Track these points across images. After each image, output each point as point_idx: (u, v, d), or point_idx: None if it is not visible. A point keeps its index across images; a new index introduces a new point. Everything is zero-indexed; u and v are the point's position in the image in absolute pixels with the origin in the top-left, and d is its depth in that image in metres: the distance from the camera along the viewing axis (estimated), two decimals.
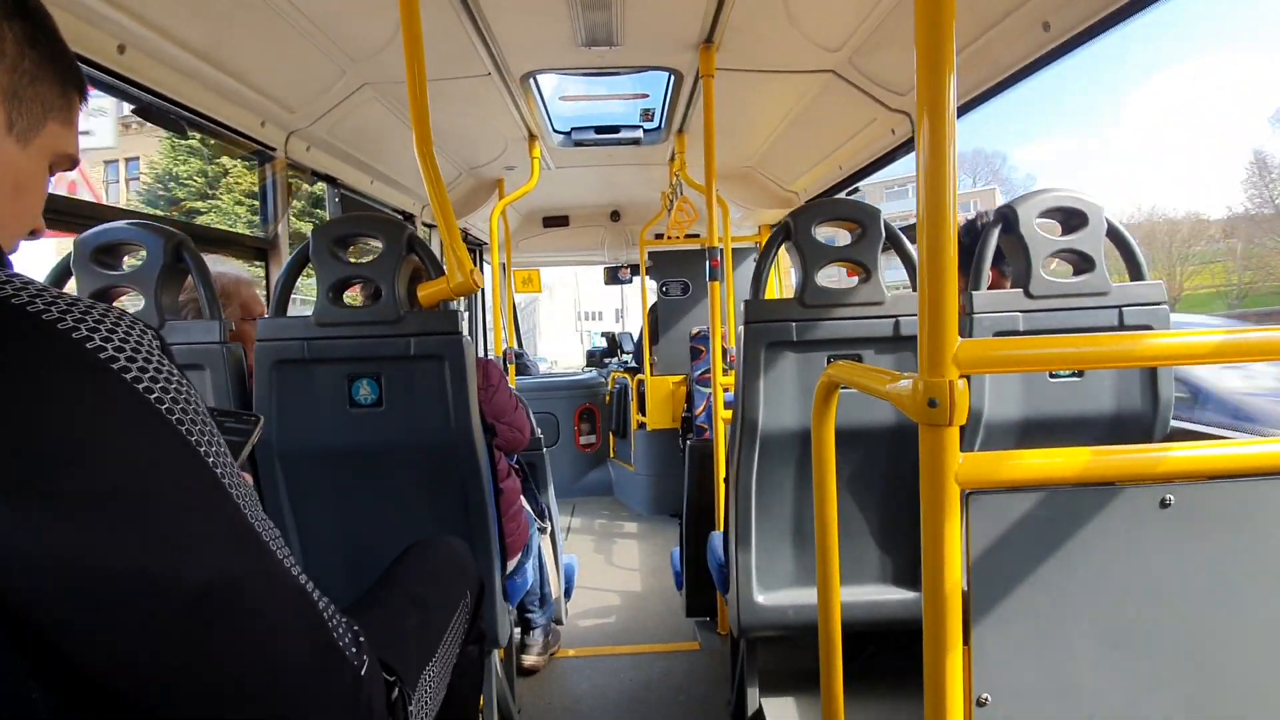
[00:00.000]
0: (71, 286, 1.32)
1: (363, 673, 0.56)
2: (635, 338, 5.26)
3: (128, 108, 1.69)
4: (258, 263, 2.27)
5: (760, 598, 1.51)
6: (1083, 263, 1.37)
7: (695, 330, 4.01)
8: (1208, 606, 0.70)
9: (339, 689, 0.54)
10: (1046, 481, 0.66)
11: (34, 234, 0.62)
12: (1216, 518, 0.69)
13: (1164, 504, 0.68)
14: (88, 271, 1.32)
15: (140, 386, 0.47)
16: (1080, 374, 1.36)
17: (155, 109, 1.67)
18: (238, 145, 2.07)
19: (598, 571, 3.30)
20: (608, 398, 4.69)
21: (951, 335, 0.62)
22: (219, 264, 1.68)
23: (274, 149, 2.16)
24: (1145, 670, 0.70)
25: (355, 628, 0.59)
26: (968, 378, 0.63)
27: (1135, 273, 1.39)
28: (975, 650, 0.68)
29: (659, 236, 4.18)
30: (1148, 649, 0.70)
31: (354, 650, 0.56)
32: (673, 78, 2.57)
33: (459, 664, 0.93)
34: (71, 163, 0.64)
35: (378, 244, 1.37)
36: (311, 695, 0.52)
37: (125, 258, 1.40)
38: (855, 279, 1.46)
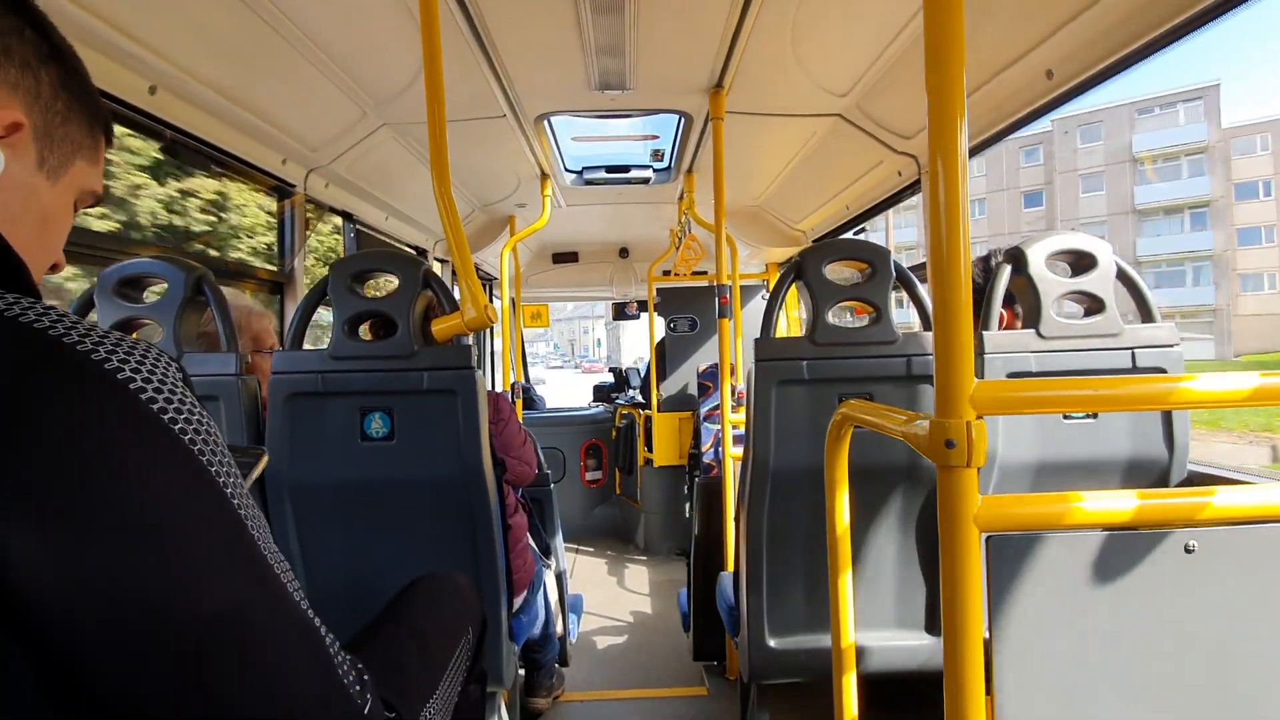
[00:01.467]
0: (94, 318, 1.35)
1: (366, 711, 0.56)
2: (642, 373, 5.25)
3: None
4: (273, 296, 2.31)
5: (772, 641, 1.47)
6: (1093, 304, 1.37)
7: (702, 367, 4.01)
8: (1235, 653, 0.68)
9: None
10: (1068, 525, 0.65)
11: (54, 268, 0.64)
12: (1242, 563, 0.67)
13: (1188, 549, 0.67)
14: (110, 303, 1.34)
15: (166, 417, 0.48)
16: (1095, 416, 1.35)
17: (183, 146, 1.72)
18: (259, 181, 2.13)
19: (603, 611, 3.23)
20: (614, 433, 4.67)
21: (968, 376, 0.62)
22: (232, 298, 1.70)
23: (294, 185, 2.21)
24: (1172, 718, 0.68)
25: (360, 666, 0.59)
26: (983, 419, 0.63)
27: (1146, 315, 1.39)
28: (998, 698, 0.66)
29: (667, 273, 4.22)
30: (1174, 697, 0.68)
31: (358, 689, 0.56)
32: (683, 120, 2.63)
33: (460, 703, 0.91)
34: (95, 199, 0.66)
35: (392, 279, 1.39)
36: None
37: (147, 290, 1.42)
38: (864, 319, 1.47)
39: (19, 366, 0.44)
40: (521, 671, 2.18)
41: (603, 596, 3.44)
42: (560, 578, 2.26)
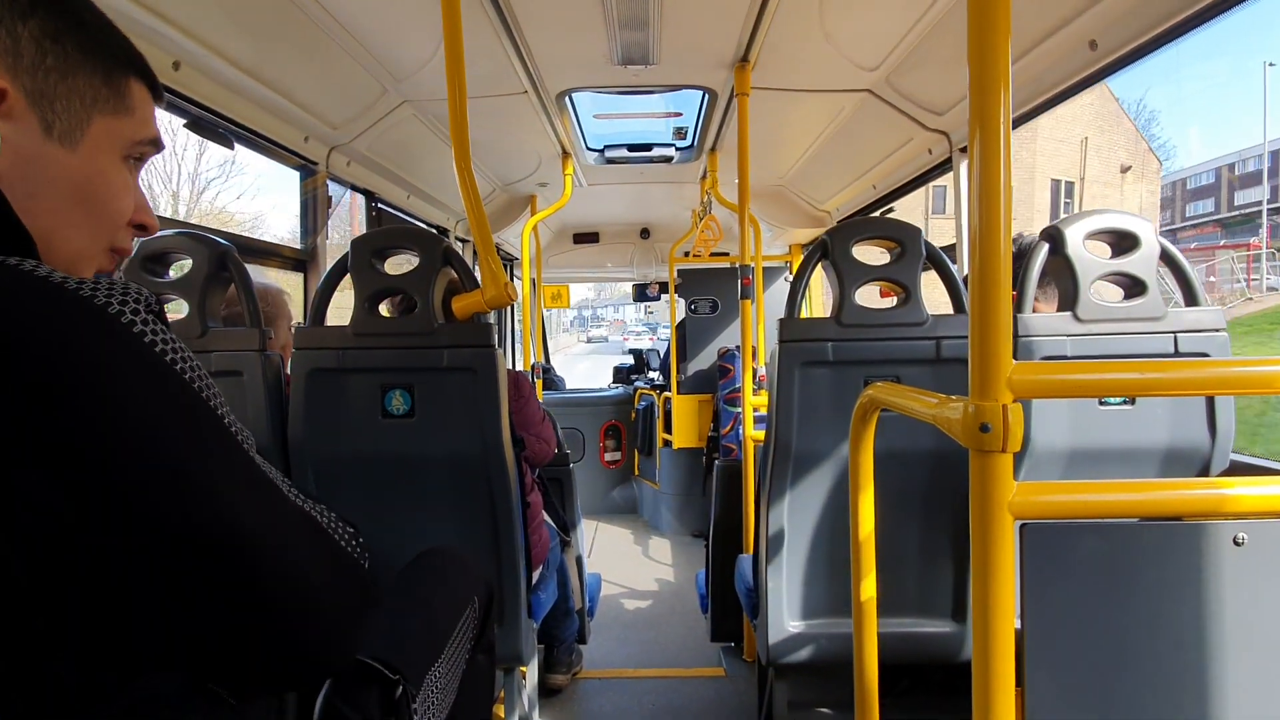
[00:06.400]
0: None
1: (366, 566, 0.67)
2: (662, 355, 5.23)
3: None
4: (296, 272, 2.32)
5: (791, 625, 1.47)
6: (1134, 286, 1.32)
7: (723, 349, 3.98)
8: None
9: (354, 588, 0.62)
10: (1108, 514, 0.62)
11: (143, 229, 0.62)
12: None
13: (1237, 542, 0.63)
14: (135, 278, 1.36)
15: (157, 349, 0.51)
16: (1132, 402, 1.30)
17: (205, 123, 1.73)
18: (282, 159, 2.13)
19: (621, 591, 3.26)
20: (633, 415, 4.67)
21: (1005, 357, 0.60)
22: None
23: (316, 164, 2.22)
24: (1213, 718, 0.65)
25: (351, 529, 0.68)
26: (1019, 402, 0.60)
27: (1190, 298, 1.33)
28: (1029, 691, 0.64)
29: (688, 254, 4.18)
30: (1216, 695, 0.65)
31: (358, 552, 0.65)
32: (707, 96, 2.58)
33: (469, 672, 0.92)
34: (155, 146, 0.61)
35: (413, 257, 1.39)
36: (334, 601, 0.57)
37: (172, 266, 1.44)
38: (891, 300, 1.44)
39: (12, 302, 0.45)
40: (541, 648, 2.21)
41: (621, 576, 3.46)
42: (579, 557, 2.27)
